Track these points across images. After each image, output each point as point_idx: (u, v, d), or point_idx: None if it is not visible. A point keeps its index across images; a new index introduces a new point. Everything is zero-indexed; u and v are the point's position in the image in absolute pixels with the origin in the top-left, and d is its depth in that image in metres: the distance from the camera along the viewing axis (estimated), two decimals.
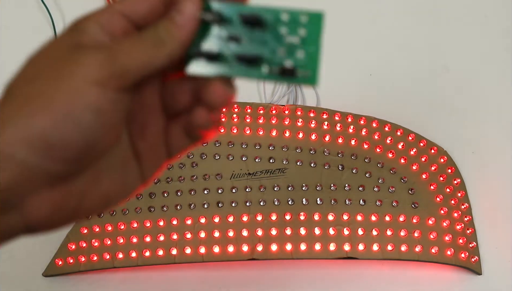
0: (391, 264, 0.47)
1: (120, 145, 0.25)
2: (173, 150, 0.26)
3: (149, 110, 0.25)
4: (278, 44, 0.24)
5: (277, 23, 0.24)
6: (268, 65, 0.24)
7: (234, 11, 0.24)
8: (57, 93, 0.21)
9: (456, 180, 0.49)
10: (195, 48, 0.24)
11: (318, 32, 0.24)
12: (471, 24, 0.58)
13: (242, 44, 0.24)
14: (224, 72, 0.24)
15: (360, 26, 0.58)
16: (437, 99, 0.55)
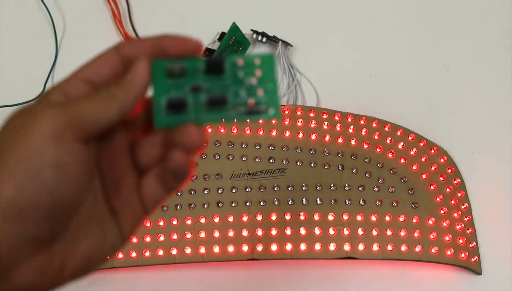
0: (391, 264, 0.47)
1: (95, 203, 0.25)
2: (149, 204, 0.27)
3: (120, 167, 0.26)
4: (239, 87, 0.26)
5: (234, 69, 0.26)
6: (232, 107, 0.26)
7: (191, 65, 0.26)
8: (23, 154, 0.22)
9: (456, 180, 0.49)
10: (159, 102, 0.26)
11: (272, 71, 0.26)
12: (471, 24, 0.59)
13: (205, 92, 0.26)
14: (192, 120, 0.26)
15: (360, 25, 0.59)
16: (437, 99, 0.55)
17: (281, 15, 0.58)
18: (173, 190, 0.27)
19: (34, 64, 0.55)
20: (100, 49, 0.60)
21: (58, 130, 0.22)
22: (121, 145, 0.26)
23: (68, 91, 0.24)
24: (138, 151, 0.27)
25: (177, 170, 0.26)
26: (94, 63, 0.25)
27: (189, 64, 0.26)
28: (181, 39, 0.26)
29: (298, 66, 0.55)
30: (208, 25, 0.56)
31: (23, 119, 0.23)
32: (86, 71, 0.25)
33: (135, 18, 0.56)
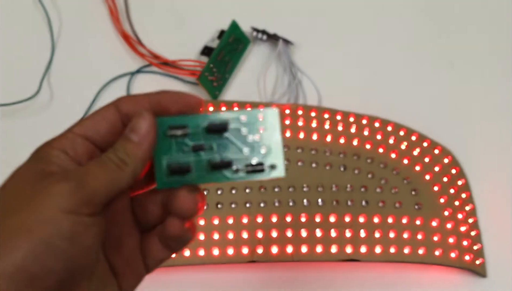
0: (394, 266, 0.47)
1: (97, 264, 0.25)
2: (151, 264, 0.27)
3: (121, 226, 0.26)
4: (241, 145, 0.26)
5: (237, 126, 0.26)
6: (235, 166, 0.26)
7: (193, 123, 0.26)
8: (35, 224, 0.22)
9: (461, 181, 0.49)
10: (160, 162, 0.26)
11: (276, 126, 0.26)
12: (478, 19, 0.58)
13: (206, 152, 0.26)
14: (192, 181, 0.26)
15: (363, 23, 0.58)
16: (441, 98, 0.54)
17: (282, 12, 0.58)
18: (176, 251, 0.27)
19: (29, 62, 0.54)
20: (96, 47, 0.59)
21: (74, 206, 0.22)
22: (123, 203, 0.26)
23: (66, 149, 0.24)
24: (140, 209, 0.27)
25: (175, 238, 0.26)
26: (91, 119, 0.25)
27: (191, 123, 0.26)
28: (182, 95, 0.26)
29: (300, 64, 0.55)
30: (208, 22, 0.56)
31: (33, 189, 0.22)
32: (83, 127, 0.25)
33: (132, 15, 0.56)
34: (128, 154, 0.24)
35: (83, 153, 0.25)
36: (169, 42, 0.55)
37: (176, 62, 0.53)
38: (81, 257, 0.23)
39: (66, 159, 0.24)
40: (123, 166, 0.24)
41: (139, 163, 0.24)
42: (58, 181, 0.23)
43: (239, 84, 0.54)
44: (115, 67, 0.53)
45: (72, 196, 0.22)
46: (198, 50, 0.54)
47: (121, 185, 0.24)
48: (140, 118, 0.25)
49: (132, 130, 0.25)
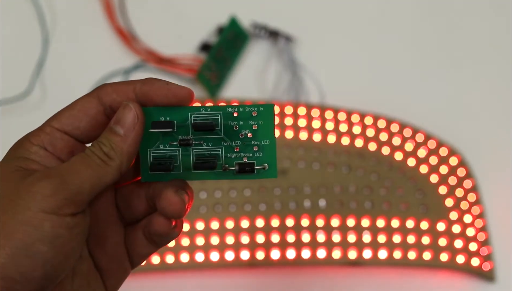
0: (399, 271, 0.46)
1: (80, 262, 0.24)
2: (136, 259, 0.26)
3: (105, 221, 0.25)
4: (232, 141, 0.25)
5: (228, 121, 0.25)
6: (224, 164, 0.25)
7: (181, 117, 0.24)
8: (16, 226, 0.21)
9: (469, 182, 0.48)
10: (145, 155, 0.25)
11: (270, 124, 0.25)
12: (486, 17, 0.57)
13: (195, 147, 0.25)
14: (178, 177, 0.25)
15: (368, 19, 0.57)
16: (449, 95, 0.53)
17: (283, 6, 0.57)
18: (161, 246, 0.26)
19: (22, 59, 0.53)
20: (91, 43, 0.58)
21: (56, 206, 0.21)
22: (107, 198, 0.25)
23: (45, 144, 0.23)
24: (124, 203, 0.26)
25: (160, 235, 0.25)
26: (69, 113, 0.24)
27: (179, 116, 0.24)
28: (171, 87, 0.24)
29: (302, 60, 0.54)
30: (205, 16, 0.55)
31: (13, 189, 0.22)
32: (62, 122, 0.24)
33: (128, 10, 0.54)
34: (113, 148, 0.23)
35: (63, 148, 0.24)
36: (165, 38, 0.54)
37: (173, 58, 0.52)
38: (62, 261, 0.22)
39: (46, 155, 0.23)
40: (109, 161, 0.23)
41: (125, 157, 0.23)
42: (39, 180, 0.22)
43: (239, 81, 0.53)
44: (110, 64, 0.52)
45: (54, 196, 0.21)
46: (196, 46, 0.53)
47: (106, 181, 0.23)
48: (126, 110, 0.24)
49: (117, 122, 0.24)
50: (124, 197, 0.26)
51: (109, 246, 0.25)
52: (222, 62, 0.53)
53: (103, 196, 0.25)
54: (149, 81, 0.24)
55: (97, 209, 0.25)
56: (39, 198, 0.21)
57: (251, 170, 0.24)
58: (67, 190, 0.22)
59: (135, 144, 0.24)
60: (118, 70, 0.52)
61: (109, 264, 0.25)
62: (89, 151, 0.23)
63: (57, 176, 0.22)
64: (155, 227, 0.25)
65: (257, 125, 0.25)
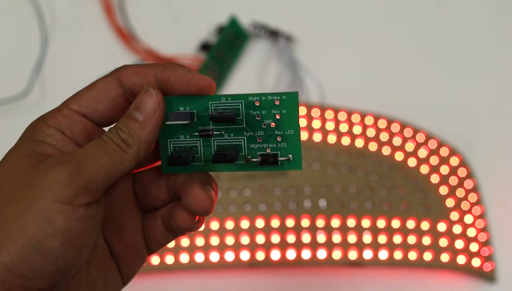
0: (400, 271, 0.46)
1: (96, 250, 0.24)
2: (154, 247, 0.25)
3: (123, 209, 0.25)
4: (254, 132, 0.24)
5: (250, 111, 0.24)
6: (246, 155, 0.24)
7: (202, 106, 0.24)
8: (27, 219, 0.20)
9: (470, 182, 0.48)
10: (166, 146, 0.24)
11: (294, 113, 0.24)
12: (486, 17, 0.57)
13: (216, 137, 0.24)
14: (199, 168, 0.24)
15: (368, 18, 0.57)
16: (450, 95, 0.53)
17: (283, 5, 0.57)
18: (179, 235, 0.26)
19: (21, 58, 0.53)
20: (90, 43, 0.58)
21: (71, 195, 0.21)
22: (125, 185, 0.25)
23: (62, 127, 0.23)
24: (143, 192, 0.25)
25: (182, 230, 0.25)
26: (89, 93, 0.23)
27: (198, 107, 0.24)
28: (192, 76, 0.23)
29: (302, 60, 0.54)
30: (205, 15, 0.55)
31: (27, 176, 0.21)
32: (81, 103, 0.23)
33: (127, 9, 0.54)
34: (132, 134, 0.22)
35: (81, 131, 0.23)
36: (165, 37, 0.54)
37: (173, 58, 0.52)
38: (75, 256, 0.21)
39: (63, 139, 0.23)
40: (126, 148, 0.22)
41: (144, 145, 0.22)
42: (54, 166, 0.21)
43: (239, 81, 0.53)
44: (110, 63, 0.51)
45: (69, 184, 0.21)
46: (195, 44, 0.53)
47: (123, 169, 0.22)
48: (146, 95, 0.23)
49: (137, 108, 0.23)
50: (143, 184, 0.25)
51: (126, 234, 0.25)
52: (222, 62, 0.53)
53: (120, 182, 0.24)
54: (170, 67, 0.24)
55: (114, 196, 0.24)
56: (54, 186, 0.20)
57: (275, 161, 0.24)
58: (83, 177, 0.21)
59: (154, 131, 0.23)
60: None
61: (125, 252, 0.25)
62: (106, 137, 0.22)
63: (72, 162, 0.21)
64: (179, 222, 0.24)
65: (280, 114, 0.24)
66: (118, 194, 0.25)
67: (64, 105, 0.23)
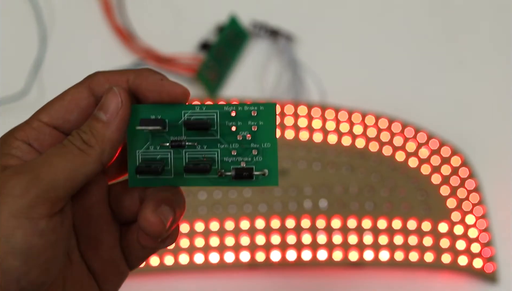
0: (401, 272, 0.46)
1: (70, 264, 0.23)
2: (134, 261, 0.24)
3: (98, 223, 0.23)
4: (229, 144, 0.23)
5: (225, 121, 0.23)
6: (219, 169, 0.23)
7: (173, 115, 0.23)
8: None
9: (472, 182, 0.48)
10: (134, 157, 0.23)
11: (272, 125, 0.23)
12: (487, 16, 0.57)
13: (188, 149, 0.23)
14: (169, 182, 0.23)
15: (370, 18, 0.57)
16: (451, 94, 0.53)
17: (284, 4, 0.56)
18: (160, 249, 0.24)
19: (19, 58, 0.53)
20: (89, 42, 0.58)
21: (27, 206, 0.19)
22: (99, 195, 0.23)
23: (30, 139, 0.22)
24: (117, 203, 0.24)
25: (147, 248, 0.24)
26: (59, 104, 0.22)
27: (171, 116, 0.23)
28: (166, 84, 0.23)
29: (302, 59, 0.54)
30: (205, 14, 0.55)
31: None
32: (51, 115, 0.22)
33: (126, 8, 0.54)
34: (94, 134, 0.21)
35: (51, 144, 0.22)
36: (164, 36, 0.53)
37: (173, 57, 0.52)
38: (39, 274, 0.20)
39: (29, 151, 0.22)
40: (88, 149, 0.21)
41: (108, 144, 0.21)
42: (9, 178, 0.20)
43: (239, 81, 0.53)
44: (109, 63, 0.52)
45: (25, 195, 0.19)
46: (195, 43, 0.53)
47: (85, 172, 0.21)
48: (110, 94, 0.22)
49: (100, 107, 0.22)
50: (117, 196, 0.24)
51: (103, 249, 0.24)
52: (222, 61, 0.53)
53: (93, 193, 0.23)
54: (143, 74, 0.23)
55: (87, 208, 0.23)
56: (9, 200, 0.19)
57: (249, 176, 0.22)
58: (38, 186, 0.20)
59: (119, 130, 0.22)
60: (116, 69, 0.52)
61: (104, 267, 0.24)
62: (66, 141, 0.21)
63: (28, 171, 0.20)
64: (141, 240, 0.23)
65: (257, 126, 0.23)
66: (92, 206, 0.23)
67: (34, 117, 0.22)
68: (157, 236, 0.22)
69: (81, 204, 0.23)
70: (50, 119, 0.22)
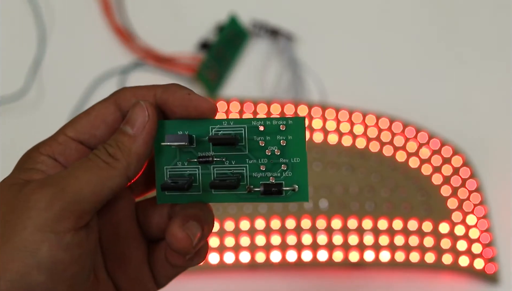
0: (401, 273, 0.46)
1: (96, 282, 0.22)
2: (162, 280, 0.24)
3: (125, 240, 0.23)
4: (257, 159, 0.22)
5: (253, 136, 0.22)
6: (248, 185, 0.22)
7: (203, 131, 0.22)
8: (13, 251, 0.19)
9: (474, 182, 0.48)
10: (161, 173, 0.23)
11: (301, 139, 0.22)
12: (487, 14, 0.57)
13: (216, 165, 0.23)
14: (197, 199, 0.23)
15: (370, 17, 0.57)
16: (453, 94, 0.53)
17: (284, 3, 0.56)
18: (189, 267, 0.24)
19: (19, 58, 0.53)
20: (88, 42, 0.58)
21: (53, 220, 0.19)
22: (126, 211, 0.23)
23: (56, 154, 0.22)
24: (145, 220, 0.24)
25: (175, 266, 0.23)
26: (86, 119, 0.22)
27: (198, 131, 0.22)
28: (193, 98, 0.22)
29: (303, 59, 0.54)
30: (205, 15, 0.54)
31: (10, 205, 0.20)
32: (77, 130, 0.22)
33: (126, 7, 0.54)
34: (120, 148, 0.21)
35: (76, 159, 0.22)
36: (164, 36, 0.53)
37: (172, 57, 0.52)
38: (65, 289, 0.20)
39: (55, 165, 0.22)
40: (113, 163, 0.21)
41: (134, 158, 0.21)
42: (34, 192, 0.20)
43: (239, 80, 0.53)
44: (108, 62, 0.52)
45: (50, 208, 0.19)
46: (195, 43, 0.53)
47: (111, 186, 0.21)
48: (136, 108, 0.22)
49: (127, 121, 0.22)
50: (145, 213, 0.24)
51: (131, 267, 0.23)
52: (222, 61, 0.53)
53: (121, 210, 0.23)
54: (171, 89, 0.22)
55: (115, 225, 0.23)
56: (34, 213, 0.19)
57: (278, 191, 0.22)
58: (64, 199, 0.20)
59: (145, 144, 0.22)
60: (116, 68, 0.52)
61: (131, 286, 0.23)
62: (92, 154, 0.21)
63: (53, 184, 0.20)
64: (169, 258, 0.23)
65: (286, 140, 0.22)
66: (119, 222, 0.23)
67: (60, 131, 0.22)
68: (184, 252, 0.22)
69: (108, 220, 0.23)
70: (76, 133, 0.22)
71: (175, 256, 0.23)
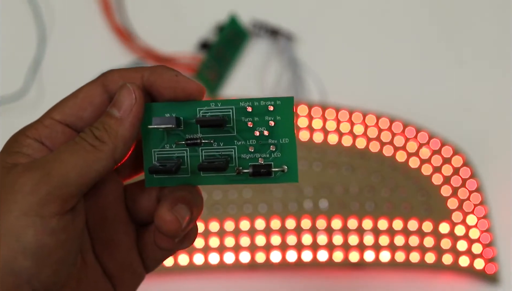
0: (401, 273, 0.46)
1: (84, 267, 0.22)
2: (151, 263, 0.24)
3: (113, 224, 0.23)
4: (246, 141, 0.22)
5: (241, 117, 0.22)
6: (237, 166, 0.22)
7: (190, 113, 0.22)
8: None
9: (474, 182, 0.48)
10: (149, 156, 0.23)
11: (290, 120, 0.22)
12: (487, 13, 0.57)
13: (204, 147, 0.23)
14: (186, 181, 0.23)
15: (370, 17, 0.57)
16: (453, 93, 0.53)
17: (284, 3, 0.57)
18: (177, 250, 0.24)
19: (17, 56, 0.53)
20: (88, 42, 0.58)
21: (39, 203, 0.19)
22: (115, 195, 0.23)
23: (42, 137, 0.21)
24: (134, 204, 0.24)
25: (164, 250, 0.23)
26: (73, 101, 0.22)
27: (185, 113, 0.22)
28: (181, 80, 0.22)
29: (303, 59, 0.54)
30: (205, 15, 0.55)
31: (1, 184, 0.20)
32: (64, 112, 0.22)
33: (125, 7, 0.55)
34: (107, 130, 0.21)
35: (63, 142, 0.22)
36: (164, 36, 0.54)
37: (172, 57, 0.52)
38: (50, 274, 0.20)
39: (41, 149, 0.21)
40: (100, 145, 0.21)
41: (120, 141, 0.21)
42: (19, 175, 0.20)
43: (239, 80, 0.53)
44: (108, 62, 0.52)
45: (36, 191, 0.19)
46: (194, 43, 0.53)
47: (98, 169, 0.21)
48: (123, 90, 0.22)
49: (114, 104, 0.22)
50: (133, 196, 0.24)
51: (119, 251, 0.23)
52: (222, 61, 0.53)
53: (108, 193, 0.23)
54: (158, 70, 0.22)
55: (103, 209, 0.23)
56: (20, 197, 0.19)
57: (268, 172, 0.22)
58: (49, 183, 0.19)
59: (132, 127, 0.22)
60: (115, 68, 0.53)
61: (120, 270, 0.23)
62: (78, 138, 0.21)
63: (39, 168, 0.20)
64: (157, 241, 0.23)
65: (275, 121, 0.22)
66: (107, 206, 0.23)
67: (46, 115, 0.22)
68: (173, 235, 0.22)
69: (95, 204, 0.23)
70: (63, 116, 0.22)
71: (164, 239, 0.23)
